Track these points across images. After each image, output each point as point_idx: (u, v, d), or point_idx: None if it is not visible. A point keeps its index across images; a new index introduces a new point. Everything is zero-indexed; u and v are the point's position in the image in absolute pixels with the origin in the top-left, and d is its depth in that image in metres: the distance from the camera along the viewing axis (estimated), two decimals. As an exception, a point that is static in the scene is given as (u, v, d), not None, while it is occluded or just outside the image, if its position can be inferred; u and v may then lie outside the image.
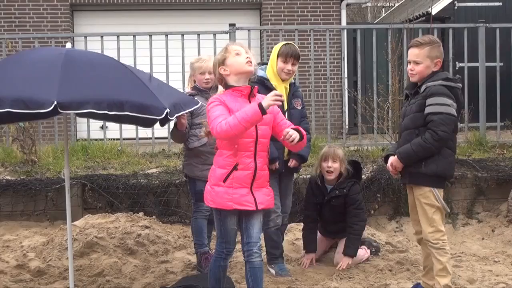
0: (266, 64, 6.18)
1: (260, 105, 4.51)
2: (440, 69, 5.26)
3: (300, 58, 6.11)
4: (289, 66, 5.99)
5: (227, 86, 4.85)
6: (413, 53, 5.26)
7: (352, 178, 6.42)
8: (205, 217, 6.21)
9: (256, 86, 4.91)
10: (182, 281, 5.83)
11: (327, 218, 6.51)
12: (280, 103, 4.65)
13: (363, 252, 6.50)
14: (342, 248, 6.33)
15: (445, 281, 5.20)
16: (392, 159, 5.31)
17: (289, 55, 5.98)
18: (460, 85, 5.27)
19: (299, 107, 6.19)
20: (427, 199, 5.21)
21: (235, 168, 4.69)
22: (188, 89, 6.44)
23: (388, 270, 6.23)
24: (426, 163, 5.15)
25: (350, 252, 6.27)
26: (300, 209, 7.58)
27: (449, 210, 5.47)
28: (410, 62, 5.30)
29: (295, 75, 6.29)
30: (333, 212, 6.42)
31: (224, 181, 4.70)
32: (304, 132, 4.72)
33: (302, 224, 6.77)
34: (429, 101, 5.11)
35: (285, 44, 6.10)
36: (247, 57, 4.79)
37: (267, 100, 4.55)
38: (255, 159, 4.72)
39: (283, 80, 6.04)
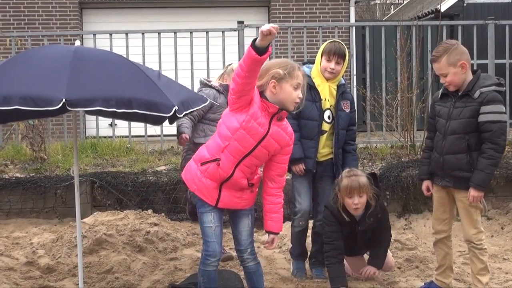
0: (313, 63, 5.92)
1: (253, 41, 4.19)
2: (466, 70, 5.15)
3: (346, 57, 5.75)
4: (332, 65, 5.69)
5: (261, 94, 4.52)
6: (435, 68, 5.22)
7: (378, 198, 5.58)
8: None
9: (284, 112, 4.55)
10: (190, 278, 5.83)
11: (355, 245, 5.72)
12: (268, 36, 4.23)
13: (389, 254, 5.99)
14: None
15: (486, 279, 5.31)
16: (473, 195, 5.13)
17: (332, 53, 5.69)
18: (504, 88, 5.30)
19: (347, 110, 5.87)
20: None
21: (216, 161, 4.55)
22: (216, 83, 6.40)
23: (397, 267, 6.21)
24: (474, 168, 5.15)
25: (378, 263, 5.70)
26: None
27: (487, 212, 5.47)
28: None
29: (344, 75, 5.94)
30: (364, 238, 5.69)
31: (202, 164, 4.60)
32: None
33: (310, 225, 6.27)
34: (486, 108, 5.05)
35: (330, 42, 5.83)
36: (299, 97, 4.52)
37: (260, 33, 4.19)
38: (234, 169, 4.56)
39: (327, 80, 5.79)
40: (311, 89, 5.73)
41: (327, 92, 5.78)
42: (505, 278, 6.01)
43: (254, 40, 4.21)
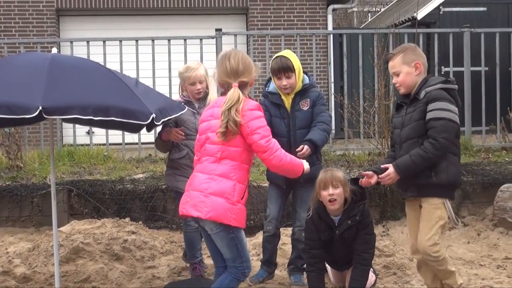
0: None
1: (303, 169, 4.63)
2: (420, 72, 4.99)
3: (293, 69, 5.63)
4: (283, 82, 5.61)
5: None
6: (390, 67, 5.10)
7: (358, 199, 5.40)
8: (195, 230, 5.91)
9: None
10: (168, 286, 5.82)
11: (337, 253, 5.54)
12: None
13: (371, 275, 5.70)
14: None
15: (454, 280, 5.06)
16: (389, 171, 4.92)
17: (277, 71, 5.62)
18: (457, 86, 5.08)
19: (306, 108, 5.72)
20: (440, 210, 4.93)
21: (249, 183, 4.60)
22: (179, 98, 6.17)
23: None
24: (435, 172, 4.87)
25: (358, 285, 5.33)
26: (286, 214, 7.54)
27: (458, 223, 5.17)
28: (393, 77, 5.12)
29: (321, 82, 5.93)
30: (345, 244, 5.43)
31: (242, 197, 4.48)
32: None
33: (290, 232, 6.21)
34: (430, 106, 4.85)
35: (274, 59, 5.70)
36: None
37: (306, 166, 4.67)
38: None
39: (288, 94, 5.73)
40: (280, 107, 5.73)
41: (290, 105, 5.77)
42: (481, 284, 6.05)
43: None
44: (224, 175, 4.45)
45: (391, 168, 4.93)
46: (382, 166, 5.06)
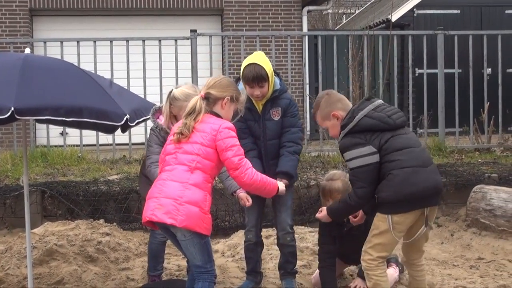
0: None
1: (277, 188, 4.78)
2: (341, 118, 4.88)
3: (267, 78, 5.31)
4: (256, 91, 5.32)
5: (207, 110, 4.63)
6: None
7: None
8: (161, 243, 5.86)
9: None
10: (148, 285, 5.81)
11: (347, 249, 5.64)
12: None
13: (392, 271, 5.82)
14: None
15: None
16: (321, 214, 5.15)
17: (250, 80, 5.30)
18: (370, 105, 4.84)
19: (277, 118, 5.50)
20: (377, 218, 4.88)
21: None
22: (162, 122, 5.38)
23: (349, 275, 6.25)
24: (376, 193, 4.81)
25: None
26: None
27: (398, 240, 4.89)
28: None
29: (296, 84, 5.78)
30: (355, 241, 5.34)
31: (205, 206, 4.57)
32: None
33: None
34: None
35: (246, 66, 5.33)
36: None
37: (282, 187, 4.84)
38: None
39: (260, 100, 5.52)
40: (251, 111, 5.51)
41: (259, 108, 5.59)
42: (455, 284, 6.09)
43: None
44: (197, 185, 4.50)
45: (324, 211, 5.15)
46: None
